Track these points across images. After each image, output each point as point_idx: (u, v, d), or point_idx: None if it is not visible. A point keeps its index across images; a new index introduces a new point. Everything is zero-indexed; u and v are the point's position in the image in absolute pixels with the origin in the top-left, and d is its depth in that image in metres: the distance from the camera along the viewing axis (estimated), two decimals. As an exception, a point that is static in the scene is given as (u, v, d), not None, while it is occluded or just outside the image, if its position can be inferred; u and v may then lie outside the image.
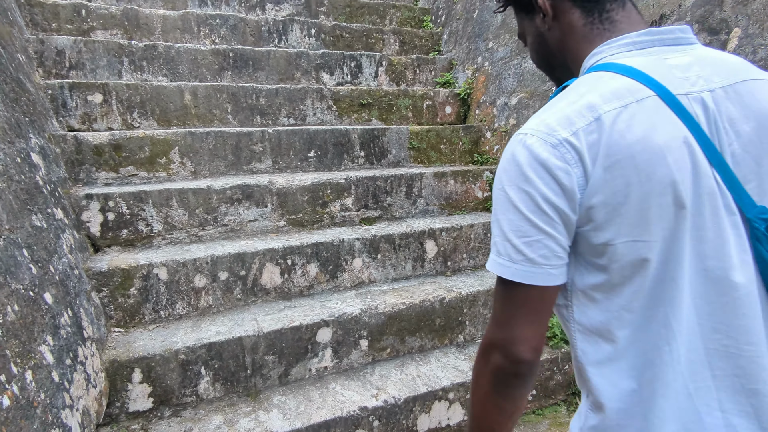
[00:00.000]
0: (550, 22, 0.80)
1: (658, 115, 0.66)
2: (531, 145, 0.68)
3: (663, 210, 0.65)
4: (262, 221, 2.71)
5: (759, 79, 0.71)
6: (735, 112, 0.68)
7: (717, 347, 0.68)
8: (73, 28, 3.23)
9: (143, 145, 2.65)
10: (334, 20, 4.26)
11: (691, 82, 0.69)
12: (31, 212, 1.73)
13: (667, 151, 0.64)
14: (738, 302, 0.67)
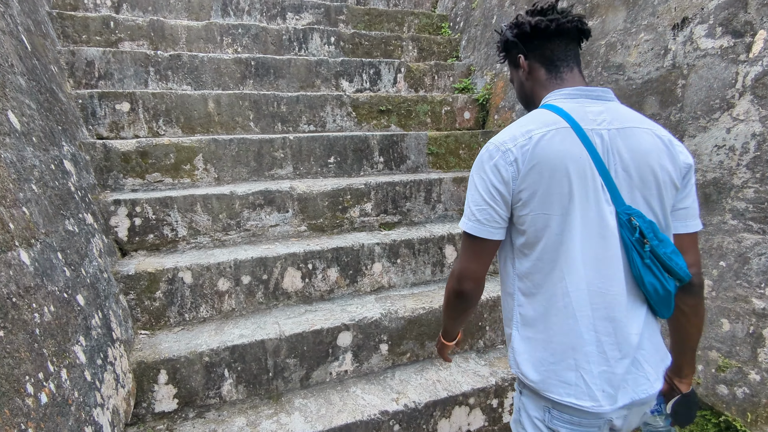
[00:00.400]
0: (526, 75, 1.22)
1: (568, 139, 1.04)
2: (491, 150, 1.09)
3: (561, 195, 1.03)
4: (284, 226, 2.75)
5: (641, 128, 1.08)
6: (621, 145, 1.06)
7: (594, 288, 1.05)
8: (101, 40, 3.34)
9: (168, 152, 2.72)
10: (353, 28, 4.31)
11: (598, 122, 1.07)
12: (65, 217, 1.79)
13: (569, 160, 1.03)
14: (608, 261, 1.04)
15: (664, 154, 1.08)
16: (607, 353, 1.05)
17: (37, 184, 1.63)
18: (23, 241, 1.32)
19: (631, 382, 1.08)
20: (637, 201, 1.07)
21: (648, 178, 1.06)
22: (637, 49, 2.46)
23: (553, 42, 1.16)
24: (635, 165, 1.06)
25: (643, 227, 1.03)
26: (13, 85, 1.79)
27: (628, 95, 2.50)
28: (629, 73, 2.50)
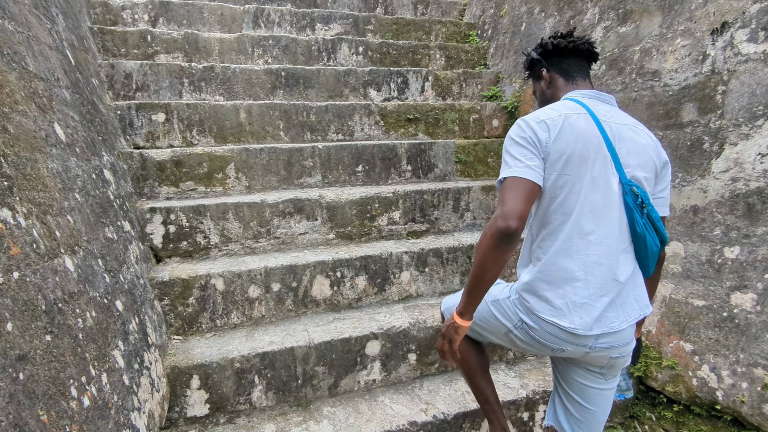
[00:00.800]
0: (547, 84, 1.54)
1: (588, 122, 1.32)
2: (528, 120, 1.34)
3: (580, 163, 1.28)
4: (312, 234, 2.77)
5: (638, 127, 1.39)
6: (626, 136, 1.34)
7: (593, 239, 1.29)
8: (139, 53, 3.46)
9: (202, 161, 2.78)
10: (381, 38, 4.35)
11: (608, 116, 1.35)
12: (104, 225, 1.85)
13: (588, 136, 1.30)
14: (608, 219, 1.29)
15: (654, 150, 1.38)
16: (591, 290, 1.30)
17: (80, 193, 1.69)
18: (68, 249, 1.37)
19: (605, 318, 1.31)
20: (636, 175, 1.33)
21: (648, 164, 1.35)
22: (673, 55, 2.40)
23: (569, 59, 1.49)
24: (636, 152, 1.34)
25: (643, 196, 1.30)
26: (59, 98, 1.87)
27: (664, 102, 2.43)
28: (665, 80, 2.44)
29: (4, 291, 0.95)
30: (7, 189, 1.12)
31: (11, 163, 1.20)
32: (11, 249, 1.04)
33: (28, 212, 1.19)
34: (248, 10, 4.02)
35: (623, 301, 1.33)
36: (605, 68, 2.85)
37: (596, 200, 1.29)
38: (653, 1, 2.56)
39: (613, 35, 2.82)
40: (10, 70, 1.46)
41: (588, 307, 1.30)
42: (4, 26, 1.56)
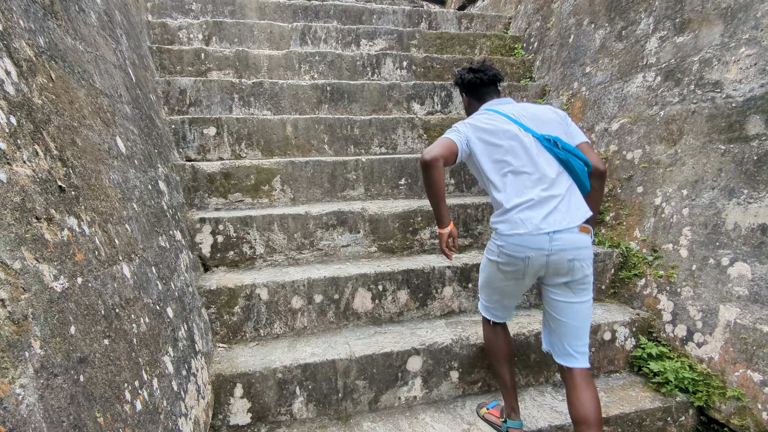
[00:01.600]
0: (467, 103, 2.15)
1: (496, 119, 1.87)
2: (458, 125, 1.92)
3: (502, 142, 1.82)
4: (355, 246, 2.78)
5: (535, 105, 1.93)
6: (523, 113, 1.88)
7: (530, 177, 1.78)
8: (193, 70, 3.63)
9: (249, 174, 2.86)
10: (425, 52, 4.36)
11: (512, 110, 1.90)
12: (158, 234, 1.92)
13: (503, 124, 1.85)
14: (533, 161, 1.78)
15: (549, 111, 1.93)
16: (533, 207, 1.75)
17: (137, 203, 1.77)
18: (125, 256, 1.43)
19: (551, 220, 1.72)
20: (547, 131, 1.85)
21: (543, 121, 1.88)
22: (737, 65, 2.27)
23: (480, 89, 2.06)
24: (533, 117, 1.88)
25: (554, 139, 1.82)
26: (121, 113, 1.97)
27: (727, 114, 2.30)
28: (728, 91, 2.30)
29: (69, 295, 1.00)
30: (74, 198, 1.18)
31: (78, 174, 1.27)
32: (76, 255, 1.09)
33: (91, 220, 1.25)
34: (296, 28, 4.15)
35: (563, 208, 1.74)
36: (660, 79, 2.73)
37: (522, 153, 1.81)
38: (713, 10, 2.44)
39: (669, 45, 2.70)
40: (80, 87, 1.56)
41: (533, 217, 1.73)
42: (76, 47, 1.67)
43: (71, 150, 1.29)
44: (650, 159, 2.75)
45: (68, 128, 1.33)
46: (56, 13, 1.59)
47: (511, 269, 1.83)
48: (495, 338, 2.06)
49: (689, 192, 2.48)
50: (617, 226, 2.94)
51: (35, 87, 1.19)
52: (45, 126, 1.17)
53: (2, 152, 0.91)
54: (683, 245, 2.47)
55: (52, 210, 1.04)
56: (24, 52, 1.20)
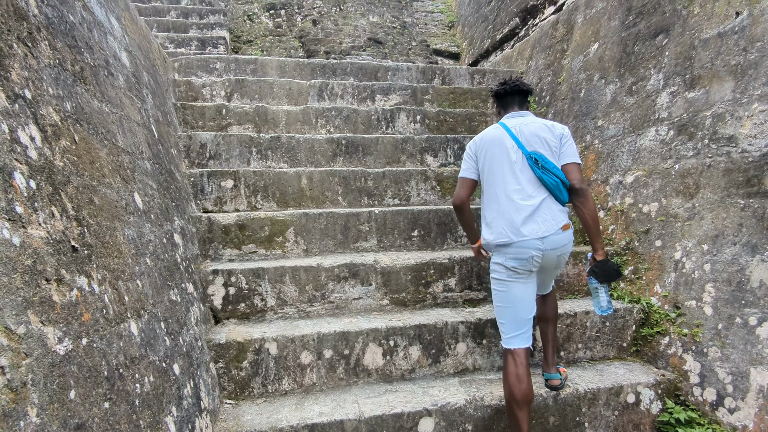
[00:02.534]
0: (497, 113, 2.42)
1: (501, 132, 2.21)
2: (469, 145, 2.35)
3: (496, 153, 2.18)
4: (366, 299, 2.75)
5: (536, 123, 2.20)
6: (525, 130, 2.17)
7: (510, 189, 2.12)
8: (214, 125, 3.78)
9: (264, 225, 2.90)
10: (438, 107, 4.48)
11: (516, 124, 2.20)
12: (170, 287, 1.93)
13: (503, 138, 2.19)
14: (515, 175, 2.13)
15: (545, 130, 2.17)
16: (515, 218, 2.09)
17: (151, 258, 1.79)
18: (134, 313, 1.43)
19: (529, 227, 2.07)
20: (535, 149, 2.13)
21: (543, 142, 2.14)
22: (750, 120, 2.26)
23: (505, 98, 2.33)
24: (530, 135, 2.15)
25: (537, 157, 2.10)
26: (141, 169, 2.04)
27: (744, 169, 2.27)
28: (743, 145, 2.28)
29: (72, 358, 0.99)
30: (86, 257, 1.21)
31: (93, 232, 1.30)
32: (83, 315, 1.09)
33: (102, 278, 1.27)
34: (314, 85, 4.32)
35: (540, 219, 2.08)
36: (673, 133, 2.73)
37: (508, 169, 2.15)
38: (723, 67, 2.47)
39: (680, 100, 2.72)
40: (102, 146, 1.63)
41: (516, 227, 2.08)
42: (102, 109, 1.76)
43: (88, 209, 1.33)
44: (667, 212, 2.71)
45: (87, 187, 1.37)
46: (85, 78, 1.68)
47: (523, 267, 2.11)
48: (517, 379, 2.02)
49: (710, 247, 2.41)
50: (636, 281, 2.86)
51: (58, 150, 1.25)
52: (64, 187, 1.21)
53: (18, 216, 0.94)
54: (707, 302, 2.38)
55: (63, 270, 1.06)
56: (50, 117, 1.27)
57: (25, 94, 1.16)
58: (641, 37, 3.12)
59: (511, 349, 2.08)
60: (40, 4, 1.46)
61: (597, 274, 2.17)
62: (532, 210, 2.06)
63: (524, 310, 2.11)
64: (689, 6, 2.76)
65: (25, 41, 1.26)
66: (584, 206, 2.12)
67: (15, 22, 1.24)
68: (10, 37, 1.18)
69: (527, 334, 2.11)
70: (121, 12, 2.62)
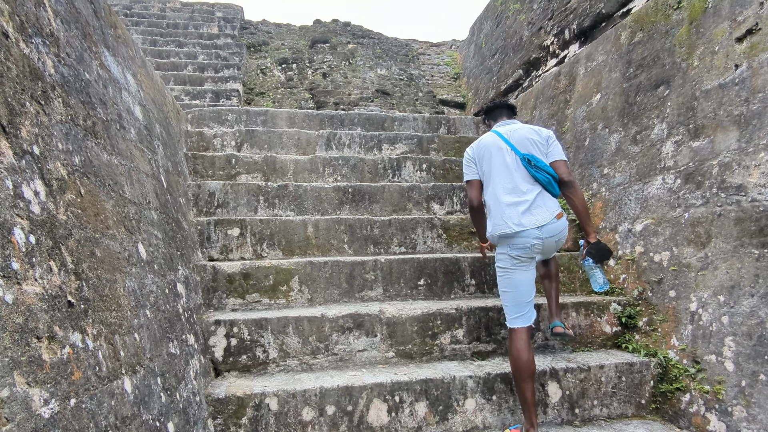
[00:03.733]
0: (487, 125, 2.79)
1: (495, 137, 2.54)
2: (467, 151, 2.68)
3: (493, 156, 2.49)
4: (371, 351, 2.67)
5: (524, 127, 2.54)
6: (514, 135, 2.49)
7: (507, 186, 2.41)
8: (223, 174, 3.84)
9: (268, 274, 2.88)
10: (444, 155, 4.54)
11: (507, 131, 2.54)
12: (169, 340, 1.89)
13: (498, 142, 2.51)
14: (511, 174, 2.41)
15: (533, 133, 2.48)
16: (514, 210, 2.35)
17: (151, 309, 1.76)
18: (129, 368, 1.39)
19: (527, 219, 2.32)
20: (527, 150, 2.42)
21: (527, 142, 2.44)
22: (758, 170, 2.24)
23: (494, 111, 2.73)
24: (521, 139, 2.45)
25: (529, 158, 2.39)
26: (146, 220, 2.06)
27: (756, 218, 2.23)
28: (753, 195, 2.26)
29: (57, 421, 0.95)
30: (82, 312, 1.19)
31: (92, 285, 1.29)
32: (74, 374, 1.06)
33: (97, 333, 1.24)
34: (322, 135, 4.42)
35: (535, 209, 2.34)
36: (681, 182, 2.72)
37: (503, 169, 2.44)
38: (726, 117, 2.48)
39: (685, 149, 2.73)
40: (108, 198, 1.65)
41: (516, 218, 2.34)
42: (111, 161, 1.79)
43: (88, 262, 1.32)
44: (679, 262, 2.65)
45: (89, 240, 1.37)
46: (97, 132, 1.73)
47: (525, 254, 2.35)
48: (522, 352, 2.26)
49: (726, 298, 2.33)
50: (652, 333, 2.75)
51: (62, 204, 1.26)
52: (65, 240, 1.21)
53: (14, 272, 0.94)
54: (728, 357, 2.27)
55: (57, 327, 1.04)
56: (57, 172, 1.29)
57: (33, 150, 1.18)
58: (642, 88, 3.18)
59: (514, 328, 2.33)
60: (57, 64, 1.53)
61: (593, 255, 2.45)
62: (528, 204, 2.33)
63: (525, 294, 2.37)
64: (688, 59, 2.82)
65: (38, 99, 1.30)
66: (574, 196, 2.41)
67: (30, 81, 1.28)
68: (23, 96, 1.22)
69: (528, 314, 2.35)
70: (137, 69, 2.73)
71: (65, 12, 1.73)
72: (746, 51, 2.44)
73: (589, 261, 2.46)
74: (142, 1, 9.98)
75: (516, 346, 2.28)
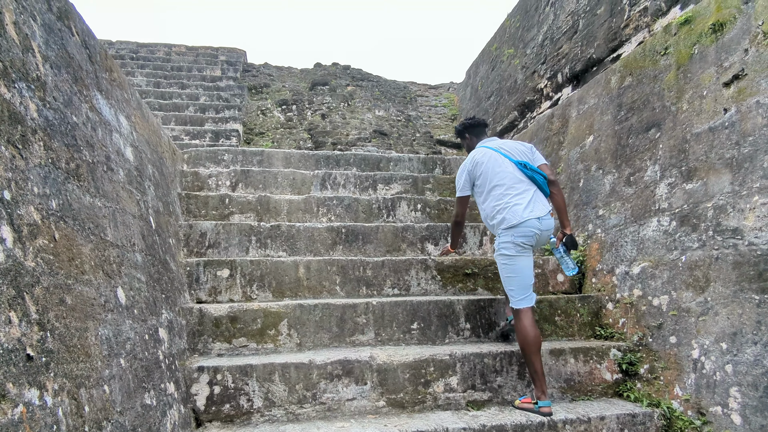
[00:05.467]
0: (470, 142, 3.15)
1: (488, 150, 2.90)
2: (465, 163, 2.99)
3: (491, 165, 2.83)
4: (361, 400, 2.55)
5: (513, 141, 2.99)
6: (504, 146, 2.90)
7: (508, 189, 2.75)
8: (216, 214, 3.82)
9: (256, 317, 2.80)
10: (439, 195, 4.53)
11: (495, 144, 2.95)
12: (145, 390, 1.80)
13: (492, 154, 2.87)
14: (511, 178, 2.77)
15: (520, 145, 2.90)
16: (518, 205, 2.68)
17: (126, 358, 1.69)
18: (94, 425, 1.31)
19: (528, 212, 2.66)
20: (521, 158, 2.81)
21: (521, 154, 2.84)
22: (753, 213, 2.21)
23: (476, 128, 3.10)
24: (512, 149, 2.86)
25: (524, 163, 2.78)
26: (129, 263, 2.01)
27: (754, 262, 2.17)
28: (750, 238, 2.21)
29: (-1, 491, 0.87)
30: (43, 366, 1.12)
31: (58, 336, 1.23)
32: (25, 435, 0.99)
33: (59, 388, 1.17)
34: (317, 175, 4.43)
35: (534, 204, 2.69)
36: (676, 224, 2.68)
37: (504, 175, 2.77)
38: (718, 160, 2.48)
39: (679, 191, 2.71)
40: (87, 242, 1.61)
41: (520, 211, 2.67)
42: (94, 204, 1.77)
43: (56, 310, 1.26)
44: (679, 306, 2.57)
45: (59, 287, 1.32)
46: (80, 175, 1.71)
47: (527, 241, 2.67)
48: (529, 329, 2.56)
49: (729, 346, 2.24)
50: (654, 381, 2.64)
51: (32, 250, 1.22)
52: (31, 289, 1.16)
53: (-36, 326, 0.88)
54: (734, 409, 2.16)
55: (10, 384, 0.98)
56: (29, 217, 1.25)
57: (4, 195, 1.15)
58: (634, 130, 3.20)
59: (521, 308, 2.63)
60: (42, 107, 1.52)
61: (567, 244, 2.80)
62: (529, 200, 2.71)
63: (528, 277, 2.69)
64: (677, 102, 2.85)
65: (15, 143, 1.28)
66: (558, 192, 2.84)
67: (8, 126, 1.27)
68: (-1, 141, 1.20)
69: (531, 296, 2.67)
70: (132, 111, 2.76)
71: (56, 57, 1.75)
72: (734, 95, 2.46)
73: (561, 250, 2.82)
74: (149, 45, 10.30)
75: (524, 324, 2.59)
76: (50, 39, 1.72)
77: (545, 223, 2.69)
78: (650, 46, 3.21)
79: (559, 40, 4.93)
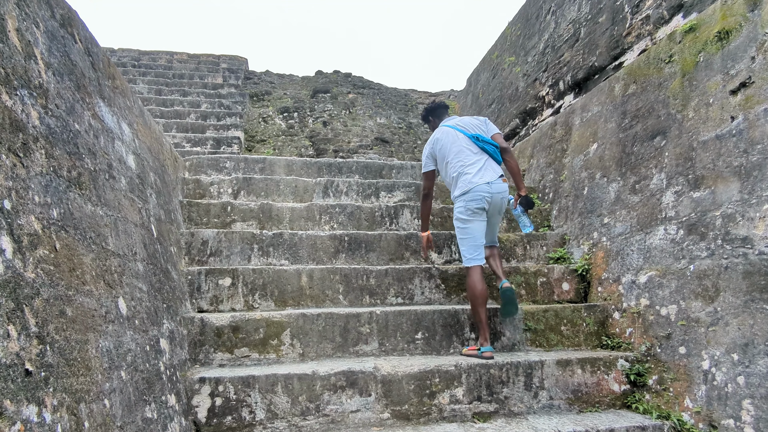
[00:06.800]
0: (434, 124, 3.52)
1: (446, 129, 3.28)
2: (428, 142, 3.38)
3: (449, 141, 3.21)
4: (365, 412, 2.50)
5: (469, 116, 3.45)
6: (461, 123, 3.27)
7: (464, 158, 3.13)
8: (218, 222, 3.79)
9: (259, 327, 2.75)
10: (442, 203, 4.50)
11: (454, 121, 3.32)
12: (146, 403, 1.76)
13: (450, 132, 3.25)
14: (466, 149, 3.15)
15: (474, 119, 3.27)
16: (469, 174, 3.05)
17: (127, 370, 1.65)
18: (94, 441, 1.27)
19: (477, 178, 3.01)
20: (474, 131, 3.18)
21: (475, 128, 3.21)
22: (763, 222, 2.18)
23: (437, 110, 3.51)
24: (467, 125, 3.23)
25: (477, 135, 3.14)
26: (131, 272, 1.97)
27: (765, 272, 2.14)
28: (760, 247, 2.18)
29: None
30: (42, 381, 1.09)
31: (57, 349, 1.19)
32: (23, 454, 0.95)
33: (59, 403, 1.14)
34: (320, 182, 4.40)
35: (483, 171, 3.03)
36: (683, 233, 2.65)
37: (461, 147, 3.12)
38: (726, 168, 2.45)
39: (686, 200, 2.68)
40: (88, 252, 1.58)
41: (472, 177, 3.02)
42: (95, 212, 1.74)
43: (56, 323, 1.23)
44: (688, 316, 2.53)
45: (60, 298, 1.29)
46: (82, 183, 1.68)
47: (478, 204, 3.00)
48: (478, 284, 2.92)
49: (740, 357, 2.20)
50: (663, 393, 2.59)
51: (32, 260, 1.19)
52: (30, 301, 1.13)
53: (-39, 342, 0.85)
54: (747, 422, 2.12)
55: (7, 401, 0.94)
56: (30, 226, 1.22)
57: (4, 204, 1.12)
58: (639, 138, 3.18)
59: (471, 266, 3.00)
60: (44, 115, 1.50)
61: (523, 204, 3.17)
62: (479, 168, 3.04)
63: (479, 239, 3.04)
64: (683, 110, 2.83)
65: (16, 152, 1.26)
66: (511, 158, 3.16)
67: (9, 134, 1.25)
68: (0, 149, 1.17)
69: (480, 255, 3.02)
70: (134, 118, 2.74)
71: (59, 64, 1.73)
72: (741, 103, 2.44)
73: (518, 210, 3.20)
74: (151, 53, 10.33)
75: (474, 279, 2.95)
76: (53, 46, 1.70)
77: (495, 187, 3.01)
78: (654, 54, 3.20)
79: (560, 48, 4.93)
